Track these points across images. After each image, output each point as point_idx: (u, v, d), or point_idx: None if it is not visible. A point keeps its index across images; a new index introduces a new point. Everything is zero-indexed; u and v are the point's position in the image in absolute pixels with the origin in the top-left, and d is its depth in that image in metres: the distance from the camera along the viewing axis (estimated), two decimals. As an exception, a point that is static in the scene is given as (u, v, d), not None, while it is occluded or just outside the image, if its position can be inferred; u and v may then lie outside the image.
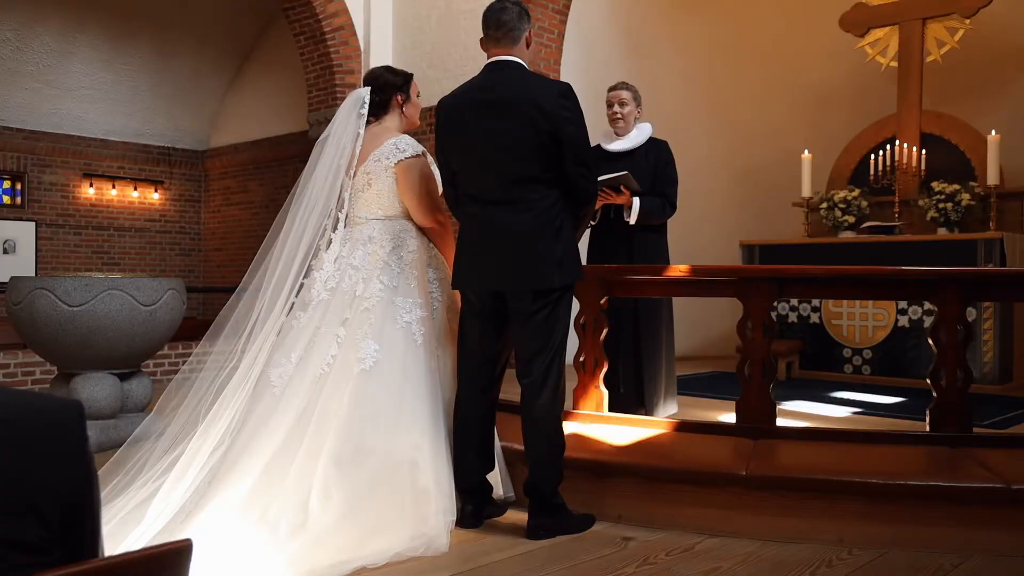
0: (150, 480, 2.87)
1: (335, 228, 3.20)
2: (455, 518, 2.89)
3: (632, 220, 3.94)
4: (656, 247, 4.10)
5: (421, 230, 3.22)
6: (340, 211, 3.20)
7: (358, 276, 3.10)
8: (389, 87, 3.24)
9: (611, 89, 4.15)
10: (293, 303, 3.11)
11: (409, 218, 3.20)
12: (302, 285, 3.14)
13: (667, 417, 3.95)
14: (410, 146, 3.15)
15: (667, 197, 4.03)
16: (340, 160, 3.17)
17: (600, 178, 3.76)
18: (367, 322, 3.01)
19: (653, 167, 4.03)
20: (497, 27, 2.91)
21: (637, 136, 4.10)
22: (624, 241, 4.04)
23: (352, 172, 3.19)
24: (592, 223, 4.09)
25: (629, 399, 4.06)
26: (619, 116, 4.08)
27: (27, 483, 0.99)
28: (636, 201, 3.92)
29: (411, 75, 3.32)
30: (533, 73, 2.98)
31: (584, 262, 4.05)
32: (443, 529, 2.78)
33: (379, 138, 3.20)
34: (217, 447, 2.91)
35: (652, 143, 4.11)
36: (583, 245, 4.14)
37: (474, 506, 3.03)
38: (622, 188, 3.91)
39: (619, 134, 4.13)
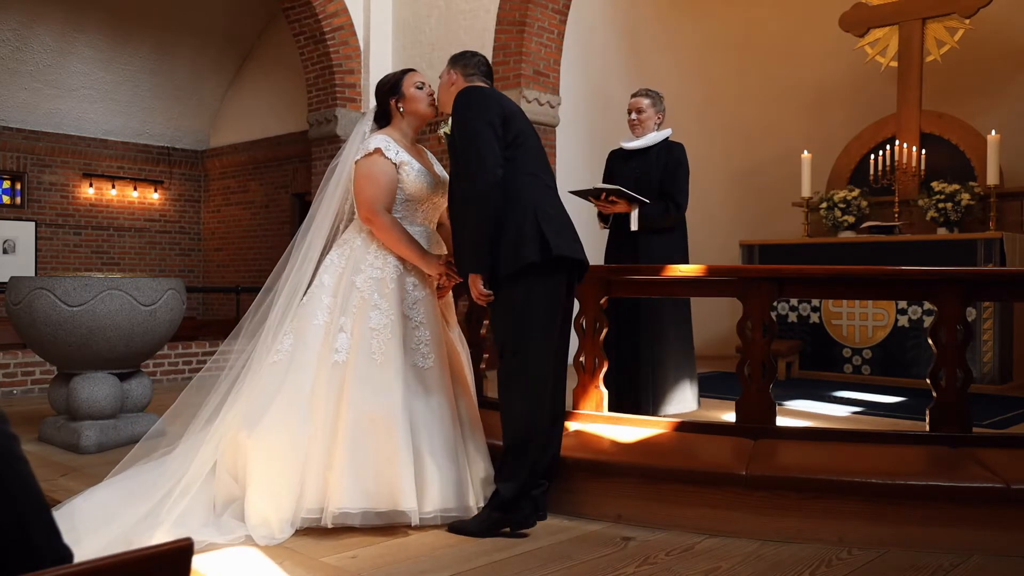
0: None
1: (346, 227, 3.24)
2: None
3: (633, 227, 4.12)
4: (665, 248, 4.19)
5: (420, 228, 3.22)
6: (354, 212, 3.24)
7: (362, 273, 3.11)
8: (383, 94, 3.30)
9: (632, 95, 4.39)
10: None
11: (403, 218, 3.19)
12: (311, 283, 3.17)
13: (667, 417, 3.95)
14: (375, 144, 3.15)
15: (671, 197, 4.16)
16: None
17: (596, 186, 4.09)
18: (374, 317, 3.02)
19: (663, 167, 4.23)
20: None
21: (653, 137, 4.31)
22: (629, 243, 4.20)
23: None
24: (605, 226, 4.33)
25: (634, 400, 4.14)
26: (636, 122, 4.32)
27: None
28: (634, 214, 4.10)
29: (405, 72, 3.35)
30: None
31: (602, 263, 4.24)
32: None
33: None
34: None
35: (666, 144, 4.31)
36: (600, 247, 4.31)
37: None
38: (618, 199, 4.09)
39: (636, 137, 4.35)
